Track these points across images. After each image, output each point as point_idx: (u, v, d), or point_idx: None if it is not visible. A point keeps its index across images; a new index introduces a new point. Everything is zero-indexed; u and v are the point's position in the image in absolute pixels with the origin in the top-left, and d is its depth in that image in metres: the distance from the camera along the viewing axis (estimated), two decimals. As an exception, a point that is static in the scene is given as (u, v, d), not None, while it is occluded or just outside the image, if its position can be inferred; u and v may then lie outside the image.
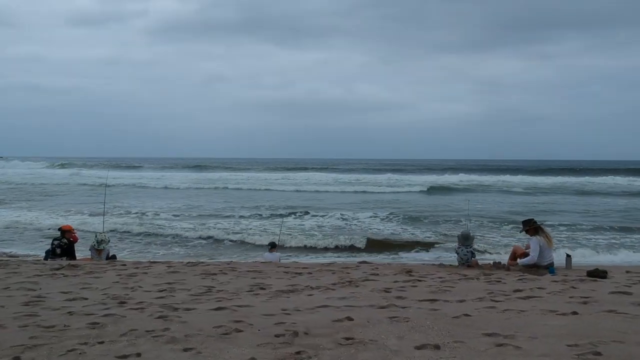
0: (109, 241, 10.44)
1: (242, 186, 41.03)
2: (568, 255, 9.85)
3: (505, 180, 48.06)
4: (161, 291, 6.73)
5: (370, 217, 21.51)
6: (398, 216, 21.68)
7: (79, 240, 10.66)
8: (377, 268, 8.96)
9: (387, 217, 21.53)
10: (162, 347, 4.39)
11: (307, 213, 22.47)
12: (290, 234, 16.45)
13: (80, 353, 4.26)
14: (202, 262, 9.86)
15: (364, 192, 37.50)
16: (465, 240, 9.38)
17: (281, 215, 20.45)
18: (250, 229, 17.75)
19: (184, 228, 17.71)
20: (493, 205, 27.74)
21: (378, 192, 36.57)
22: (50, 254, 10.06)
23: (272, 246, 11.32)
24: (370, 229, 18.28)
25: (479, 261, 9.56)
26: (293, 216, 21.66)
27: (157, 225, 18.67)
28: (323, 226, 19.09)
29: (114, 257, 10.49)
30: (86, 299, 6.24)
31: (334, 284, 7.31)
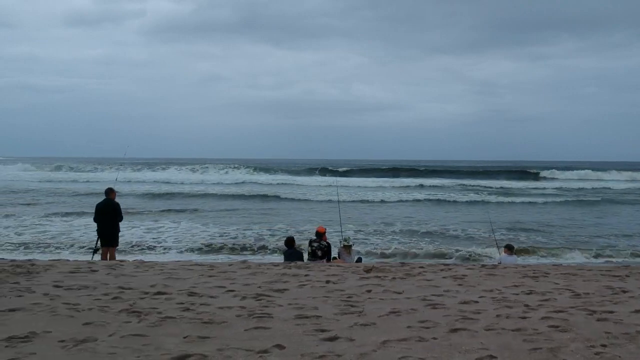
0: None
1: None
2: None
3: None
4: (518, 294, 7.08)
5: None
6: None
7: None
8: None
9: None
10: None
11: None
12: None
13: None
14: (485, 266, 10.24)
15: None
16: None
17: None
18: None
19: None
20: None
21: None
22: (310, 256, 10.58)
23: (509, 249, 11.51)
24: None
25: None
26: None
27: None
28: None
29: (360, 259, 10.95)
30: (477, 302, 6.62)
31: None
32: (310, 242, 10.81)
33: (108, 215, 11.89)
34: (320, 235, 10.79)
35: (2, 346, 4.99)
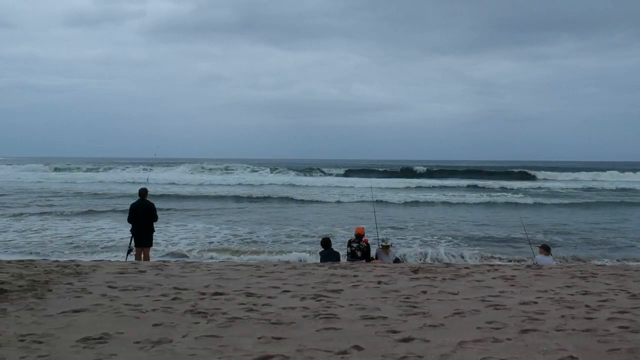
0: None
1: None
2: None
3: None
4: (573, 294, 7.11)
5: None
6: None
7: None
8: None
9: None
10: None
11: None
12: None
13: None
14: (530, 266, 10.26)
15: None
16: None
17: None
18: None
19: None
20: None
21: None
22: (349, 257, 10.62)
23: (546, 249, 11.50)
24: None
25: None
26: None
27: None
28: None
29: (397, 260, 10.98)
30: (536, 302, 6.66)
31: None
32: (350, 242, 10.85)
33: (143, 215, 11.95)
34: (360, 236, 10.83)
35: (79, 347, 5.05)
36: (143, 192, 12.29)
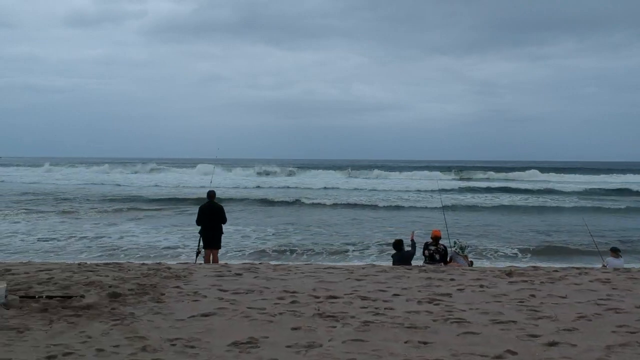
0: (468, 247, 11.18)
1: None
2: None
3: None
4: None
5: None
6: None
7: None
8: None
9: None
10: None
11: None
12: None
13: None
14: (617, 269, 10.45)
15: None
16: None
17: None
18: None
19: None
20: None
21: None
22: (427, 260, 10.78)
23: (615, 251, 11.61)
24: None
25: None
26: None
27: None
28: None
29: (471, 263, 11.13)
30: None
31: None
32: (427, 245, 11.00)
33: (211, 217, 12.14)
34: (437, 239, 10.99)
35: (235, 351, 5.21)
36: (211, 194, 12.50)
